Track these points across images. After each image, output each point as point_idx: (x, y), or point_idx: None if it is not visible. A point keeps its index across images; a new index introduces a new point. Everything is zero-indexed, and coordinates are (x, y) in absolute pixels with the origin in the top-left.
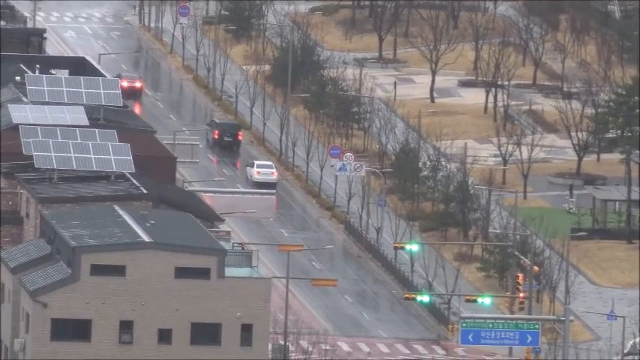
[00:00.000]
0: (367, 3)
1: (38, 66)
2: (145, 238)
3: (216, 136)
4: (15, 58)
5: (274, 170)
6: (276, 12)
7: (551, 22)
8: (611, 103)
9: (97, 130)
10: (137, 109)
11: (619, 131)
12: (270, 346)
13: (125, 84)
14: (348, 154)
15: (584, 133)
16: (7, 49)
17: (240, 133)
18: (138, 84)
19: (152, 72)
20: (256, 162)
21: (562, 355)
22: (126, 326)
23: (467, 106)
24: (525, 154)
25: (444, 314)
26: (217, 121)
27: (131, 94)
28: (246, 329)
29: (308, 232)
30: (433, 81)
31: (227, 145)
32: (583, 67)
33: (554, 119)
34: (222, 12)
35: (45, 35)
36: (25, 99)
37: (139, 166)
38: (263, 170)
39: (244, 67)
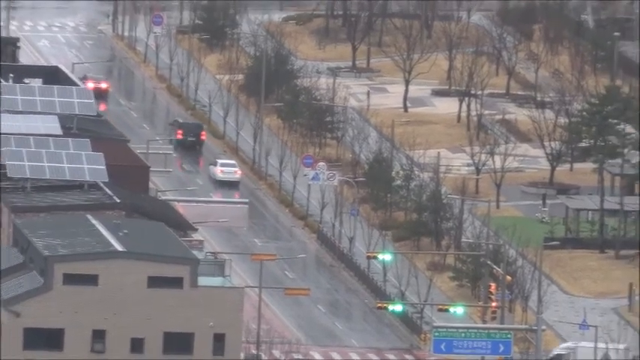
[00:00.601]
0: (341, 12)
1: (12, 75)
2: (118, 247)
3: (179, 136)
4: None
5: (237, 169)
6: (250, 21)
7: (524, 32)
8: (585, 113)
9: (70, 139)
10: (102, 109)
11: (592, 141)
12: (242, 355)
13: (91, 85)
14: (321, 164)
15: (557, 142)
16: None
17: (203, 132)
18: (104, 85)
19: (125, 81)
20: (219, 160)
21: None
22: (98, 335)
23: (440, 115)
24: (498, 164)
25: (417, 323)
26: (181, 120)
27: (97, 95)
28: (219, 339)
29: (281, 241)
30: (406, 90)
31: (190, 144)
32: (556, 77)
33: (528, 128)
34: (196, 21)
35: (18, 44)
36: None
37: (112, 176)
38: (226, 169)
39: (218, 77)
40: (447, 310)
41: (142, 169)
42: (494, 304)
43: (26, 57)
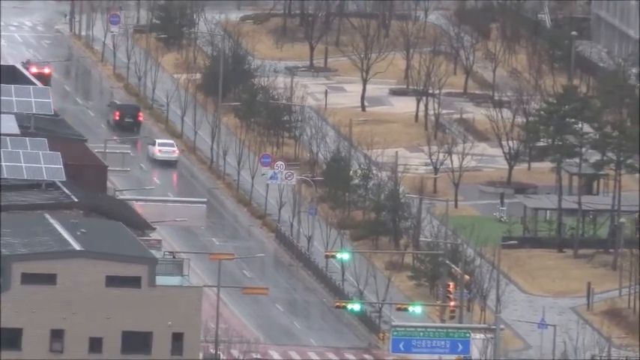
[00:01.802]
0: (298, 12)
1: None
2: (76, 246)
3: (117, 118)
4: None
5: (176, 148)
6: (207, 20)
7: (481, 31)
8: (542, 112)
9: (27, 138)
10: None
11: (550, 140)
12: (201, 355)
13: (34, 70)
14: (279, 163)
15: (514, 141)
16: None
17: (140, 114)
18: (47, 70)
19: (83, 80)
20: (158, 140)
21: None
22: (56, 335)
23: (398, 114)
24: (456, 163)
25: (375, 323)
26: (118, 102)
27: (40, 80)
28: (177, 338)
29: (239, 240)
30: (364, 89)
31: (128, 126)
32: (514, 76)
33: (485, 128)
34: (154, 20)
35: None
36: None
37: (69, 175)
38: (164, 148)
39: (175, 76)
40: (405, 310)
41: (99, 169)
42: (452, 303)
43: None
